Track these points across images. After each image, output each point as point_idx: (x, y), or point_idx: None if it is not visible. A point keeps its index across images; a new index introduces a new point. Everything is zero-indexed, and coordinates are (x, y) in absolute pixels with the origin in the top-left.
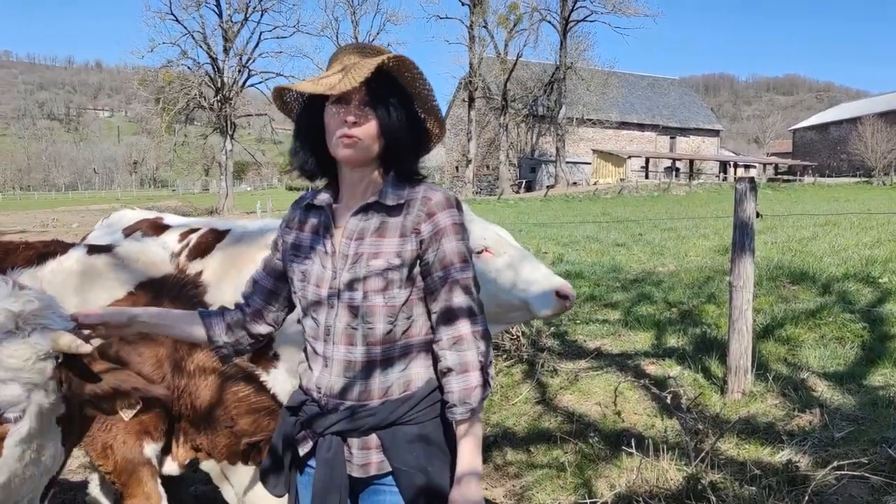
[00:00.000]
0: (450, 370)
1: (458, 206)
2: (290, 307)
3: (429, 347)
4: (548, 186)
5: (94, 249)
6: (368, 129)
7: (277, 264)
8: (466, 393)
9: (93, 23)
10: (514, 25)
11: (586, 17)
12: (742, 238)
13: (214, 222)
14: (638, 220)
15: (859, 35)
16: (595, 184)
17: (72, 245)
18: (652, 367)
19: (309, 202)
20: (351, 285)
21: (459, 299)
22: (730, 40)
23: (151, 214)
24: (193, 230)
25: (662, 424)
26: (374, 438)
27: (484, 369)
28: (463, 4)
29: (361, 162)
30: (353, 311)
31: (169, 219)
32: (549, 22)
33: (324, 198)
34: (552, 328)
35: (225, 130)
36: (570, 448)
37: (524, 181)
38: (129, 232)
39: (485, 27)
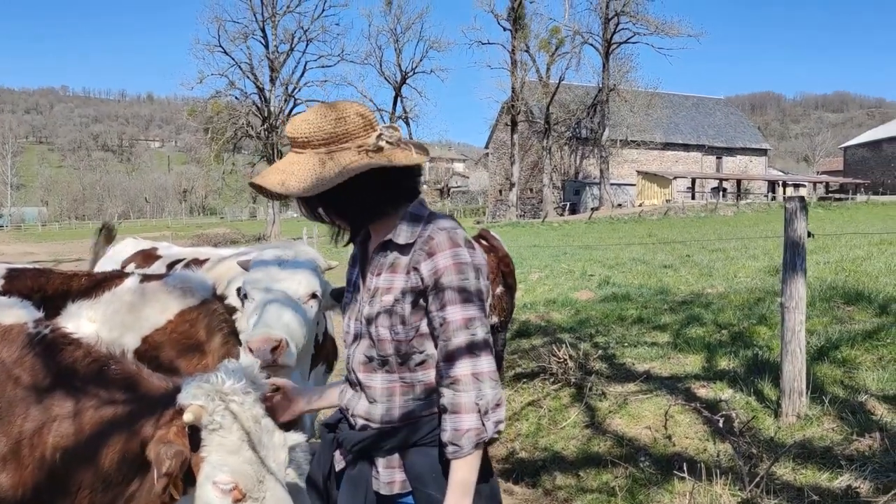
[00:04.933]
0: (445, 409)
1: (468, 245)
2: None
3: None
4: (592, 209)
5: (146, 278)
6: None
7: None
8: (457, 434)
9: (144, 56)
10: (556, 49)
11: (629, 38)
12: (793, 258)
13: (204, 252)
14: (685, 242)
15: None
16: (640, 205)
17: (128, 274)
18: (703, 391)
19: (357, 238)
20: (368, 317)
21: (458, 339)
22: (775, 59)
23: (148, 244)
24: (179, 261)
25: (715, 448)
26: (397, 458)
27: (482, 413)
28: (505, 30)
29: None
30: (370, 342)
31: (163, 249)
32: (592, 45)
33: (362, 235)
34: (600, 351)
35: (272, 158)
36: (621, 472)
37: (568, 204)
38: (126, 263)
39: (527, 51)
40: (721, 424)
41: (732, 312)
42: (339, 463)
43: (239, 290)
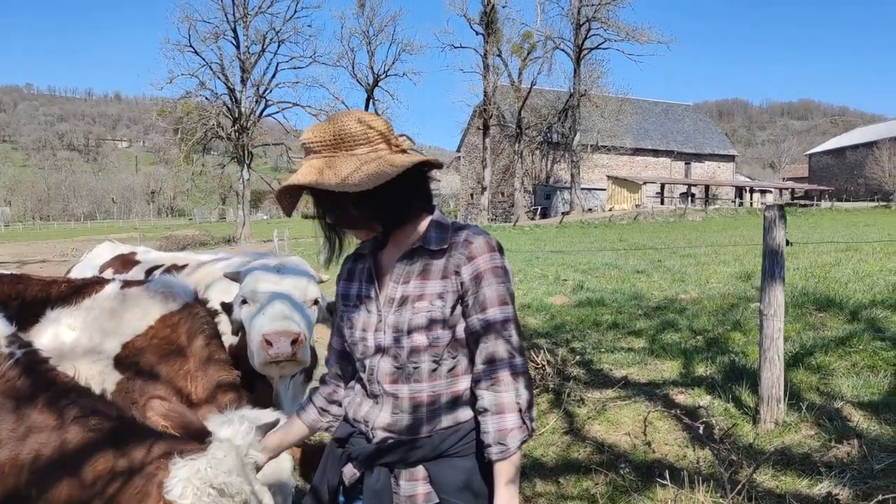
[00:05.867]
0: (486, 410)
1: (500, 251)
2: None
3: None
4: (563, 213)
5: (126, 284)
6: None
7: (340, 322)
8: (502, 434)
9: (112, 55)
10: (528, 54)
11: (599, 44)
12: (772, 266)
13: (183, 257)
14: (656, 247)
15: (873, 60)
16: (610, 210)
17: (108, 281)
18: (681, 397)
19: (357, 252)
20: (396, 326)
21: (498, 341)
22: (743, 66)
23: (126, 249)
24: (158, 266)
25: (694, 455)
26: (421, 470)
27: (522, 412)
28: (477, 34)
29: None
30: (398, 351)
31: (142, 254)
32: (563, 50)
33: (367, 246)
34: (577, 356)
35: (242, 160)
36: (601, 479)
37: (539, 208)
38: (104, 268)
39: (499, 56)
40: (701, 431)
41: (707, 318)
42: (350, 478)
43: (224, 304)
